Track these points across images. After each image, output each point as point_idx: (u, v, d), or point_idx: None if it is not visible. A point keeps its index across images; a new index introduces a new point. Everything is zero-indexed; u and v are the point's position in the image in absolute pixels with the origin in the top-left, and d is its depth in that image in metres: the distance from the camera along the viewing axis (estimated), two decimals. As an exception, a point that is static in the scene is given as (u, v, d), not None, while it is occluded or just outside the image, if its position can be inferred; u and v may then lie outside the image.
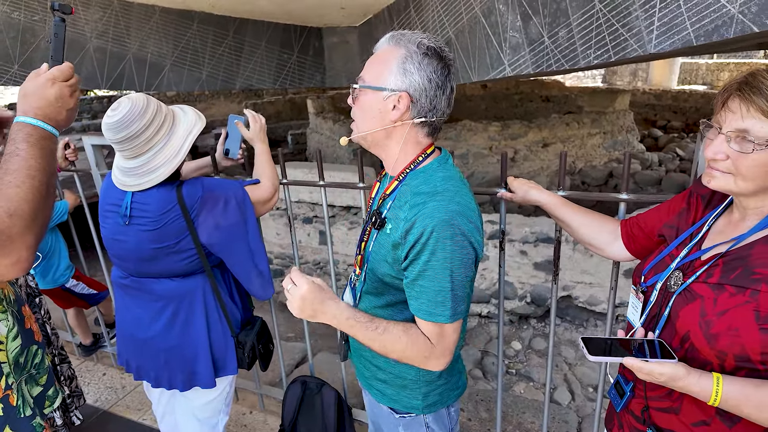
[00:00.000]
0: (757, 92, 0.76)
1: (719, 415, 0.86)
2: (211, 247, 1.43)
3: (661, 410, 0.95)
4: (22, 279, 1.94)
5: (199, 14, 4.52)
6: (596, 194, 1.42)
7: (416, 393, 1.15)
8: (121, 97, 1.38)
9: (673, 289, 0.91)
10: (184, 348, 1.51)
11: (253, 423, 2.30)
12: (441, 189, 0.97)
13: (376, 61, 1.01)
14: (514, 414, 2.55)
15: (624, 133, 8.35)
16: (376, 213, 1.07)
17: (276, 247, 5.08)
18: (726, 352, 0.81)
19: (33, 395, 1.18)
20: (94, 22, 4.05)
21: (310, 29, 5.21)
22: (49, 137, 0.98)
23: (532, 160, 7.27)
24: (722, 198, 0.97)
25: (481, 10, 3.09)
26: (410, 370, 1.12)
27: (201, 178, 1.44)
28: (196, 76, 4.72)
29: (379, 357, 1.14)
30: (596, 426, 1.65)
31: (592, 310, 4.02)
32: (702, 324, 0.83)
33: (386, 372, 1.16)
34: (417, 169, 1.03)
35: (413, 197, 0.98)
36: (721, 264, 0.86)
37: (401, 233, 0.97)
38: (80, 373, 2.77)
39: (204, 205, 1.38)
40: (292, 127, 11.42)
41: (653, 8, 1.99)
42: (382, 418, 1.27)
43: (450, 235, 0.92)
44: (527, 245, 4.05)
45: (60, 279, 2.79)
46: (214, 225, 1.41)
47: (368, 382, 1.23)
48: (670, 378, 0.82)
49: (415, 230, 0.93)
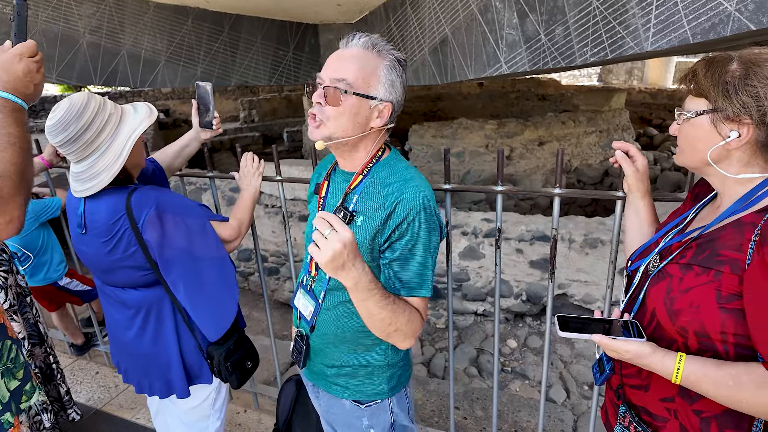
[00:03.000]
0: (693, 77, 0.88)
1: (681, 392, 0.91)
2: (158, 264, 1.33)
3: (633, 387, 1.01)
4: (12, 279, 1.92)
5: (194, 10, 4.48)
6: (593, 192, 1.41)
7: (382, 378, 1.20)
8: (121, 96, 1.36)
9: (651, 272, 0.96)
10: (158, 356, 1.45)
11: (247, 422, 2.28)
12: (409, 176, 1.06)
13: (359, 65, 1.01)
14: (510, 412, 2.54)
15: (620, 132, 8.37)
16: (342, 208, 1.08)
17: (271, 245, 5.06)
18: (686, 328, 0.85)
19: (10, 389, 1.20)
20: (88, 18, 4.01)
21: (306, 26, 5.19)
22: (20, 110, 1.03)
23: (528, 159, 7.28)
24: (710, 190, 1.01)
25: (478, 7, 3.08)
26: (378, 355, 1.18)
27: (159, 193, 1.32)
28: (191, 73, 4.68)
29: (346, 353, 1.17)
30: (592, 424, 1.65)
31: (587, 308, 4.03)
32: (666, 300, 0.88)
33: (352, 366, 1.19)
34: (379, 162, 1.10)
35: (385, 187, 1.06)
36: (694, 246, 0.90)
37: (380, 220, 1.03)
38: (73, 371, 2.74)
39: (150, 223, 1.28)
40: (287, 125, 11.39)
41: (650, 6, 1.99)
42: (342, 417, 1.26)
43: (428, 215, 1.03)
44: (523, 243, 4.05)
45: (53, 275, 2.77)
46: (156, 245, 1.30)
47: (328, 381, 1.22)
48: (636, 356, 0.88)
49: (397, 214, 1.01)
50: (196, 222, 1.36)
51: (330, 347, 1.18)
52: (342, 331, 1.15)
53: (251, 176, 1.63)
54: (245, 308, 4.77)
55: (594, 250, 3.85)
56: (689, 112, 0.88)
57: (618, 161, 1.15)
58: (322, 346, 1.19)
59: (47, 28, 3.88)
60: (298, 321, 1.24)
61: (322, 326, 1.17)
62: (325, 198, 1.18)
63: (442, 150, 1.91)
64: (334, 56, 1.05)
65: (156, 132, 9.54)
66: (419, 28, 3.90)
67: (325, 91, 1.01)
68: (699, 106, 0.86)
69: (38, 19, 3.83)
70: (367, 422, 1.24)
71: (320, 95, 1.02)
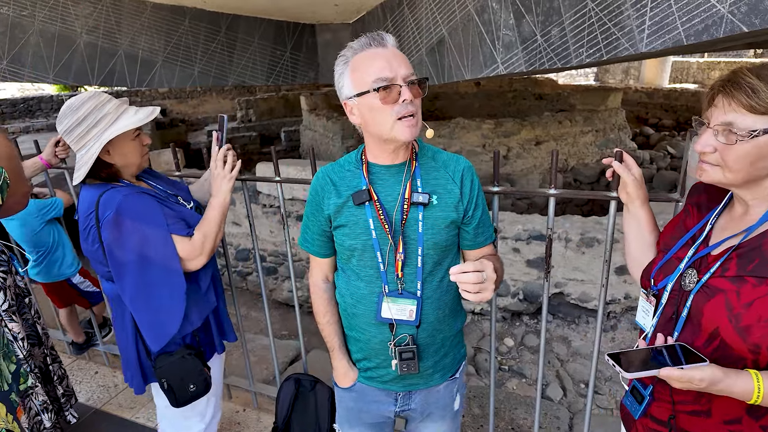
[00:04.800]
0: (738, 88, 0.82)
1: (750, 411, 0.87)
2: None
3: (691, 414, 0.94)
4: (11, 279, 1.93)
5: (191, 10, 4.48)
6: (587, 192, 1.43)
7: (462, 342, 1.34)
8: (119, 96, 1.39)
9: (689, 288, 0.91)
10: (125, 348, 1.50)
11: (246, 421, 2.30)
12: (443, 149, 1.23)
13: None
14: (507, 410, 2.57)
15: (616, 131, 8.40)
16: (412, 199, 1.12)
17: (269, 245, 5.07)
18: (759, 344, 0.80)
19: (11, 371, 1.24)
20: (85, 18, 4.01)
21: (304, 26, 5.19)
22: None
23: (525, 158, 7.30)
24: (717, 200, 0.99)
25: (475, 7, 3.09)
26: (461, 318, 1.29)
27: (126, 197, 1.33)
28: (188, 72, 4.68)
29: (450, 325, 1.25)
30: (587, 421, 1.67)
31: (584, 306, 4.05)
32: (731, 318, 0.83)
33: (451, 338, 1.27)
34: (417, 146, 1.19)
35: (439, 161, 1.18)
36: (735, 257, 0.87)
37: (457, 188, 1.15)
38: (72, 371, 2.75)
39: (107, 224, 1.31)
40: (285, 124, 11.38)
41: (644, 8, 2.01)
42: (437, 402, 1.31)
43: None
44: (520, 242, 4.07)
45: (66, 272, 2.80)
46: (108, 247, 1.33)
47: (431, 373, 1.25)
48: (711, 382, 0.81)
49: (467, 179, 1.17)
50: (155, 232, 1.34)
51: (437, 331, 1.21)
52: (445, 304, 1.21)
53: (221, 179, 1.47)
54: (243, 308, 4.77)
55: (590, 249, 3.87)
56: (746, 131, 0.81)
57: (616, 171, 1.12)
58: (429, 337, 1.21)
59: (44, 28, 3.88)
60: (392, 333, 1.18)
61: (427, 316, 1.19)
62: (379, 200, 1.14)
63: (439, 150, 1.93)
64: (396, 55, 1.06)
65: (153, 132, 9.53)
66: (416, 28, 3.91)
67: (411, 88, 1.03)
68: (761, 124, 0.81)
69: (35, 19, 3.82)
70: (456, 390, 1.35)
71: (409, 93, 1.03)
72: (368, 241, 1.14)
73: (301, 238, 1.29)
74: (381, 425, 1.35)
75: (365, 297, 1.19)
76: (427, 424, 1.36)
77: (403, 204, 1.12)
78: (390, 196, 1.14)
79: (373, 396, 1.29)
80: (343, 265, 1.25)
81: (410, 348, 1.18)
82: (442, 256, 1.17)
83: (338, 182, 1.18)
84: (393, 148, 1.12)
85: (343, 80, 1.11)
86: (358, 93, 1.06)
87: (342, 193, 1.16)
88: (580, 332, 4.07)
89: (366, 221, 1.14)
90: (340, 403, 1.38)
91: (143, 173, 1.57)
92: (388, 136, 1.07)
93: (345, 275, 1.24)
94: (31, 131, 10.74)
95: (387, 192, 1.15)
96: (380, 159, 1.15)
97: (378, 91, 1.02)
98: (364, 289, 1.18)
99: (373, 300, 1.18)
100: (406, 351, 1.17)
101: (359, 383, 1.30)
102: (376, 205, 1.13)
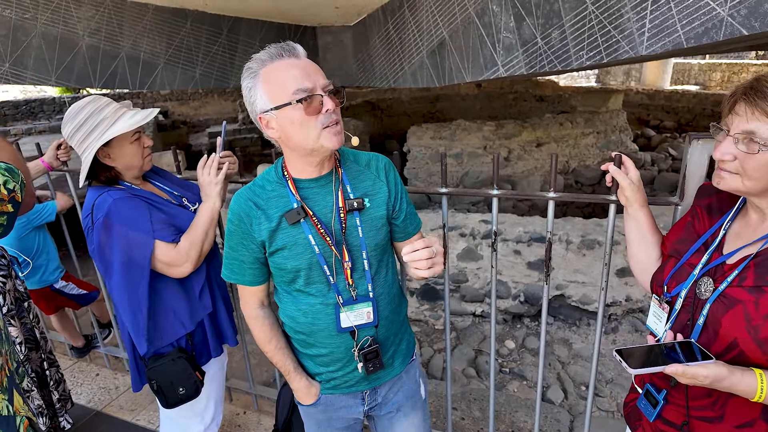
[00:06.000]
0: (762, 96, 0.80)
1: (763, 413, 0.87)
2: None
3: (704, 420, 0.94)
4: (11, 284, 1.93)
5: (192, 13, 4.50)
6: (586, 195, 1.43)
7: (408, 323, 1.36)
8: (120, 98, 1.41)
9: (705, 296, 0.91)
10: (127, 348, 1.55)
11: (246, 423, 2.30)
12: (358, 150, 1.23)
13: None
14: (507, 413, 2.56)
15: (617, 133, 8.39)
16: (347, 206, 1.12)
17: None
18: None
19: (14, 367, 1.25)
20: (87, 20, 4.02)
21: (305, 28, 5.20)
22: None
23: (525, 160, 7.30)
24: (728, 204, 0.98)
25: (475, 10, 3.10)
26: (404, 305, 1.33)
27: (116, 201, 1.34)
28: (190, 75, 4.70)
29: (400, 312, 1.29)
30: (587, 424, 1.67)
31: (584, 309, 4.05)
32: (750, 330, 0.83)
33: (401, 327, 1.30)
34: (338, 153, 1.20)
35: (362, 163, 1.19)
36: (753, 266, 0.86)
37: (384, 185, 1.18)
38: (73, 373, 2.76)
39: (98, 227, 1.34)
40: (286, 126, 11.39)
41: (644, 10, 2.01)
42: (405, 390, 1.34)
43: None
44: (521, 245, 4.07)
45: (49, 278, 2.78)
46: (98, 249, 1.36)
47: (391, 361, 1.28)
48: (715, 379, 0.82)
49: (390, 174, 1.20)
50: (140, 237, 1.35)
51: (392, 323, 1.25)
52: (393, 295, 1.24)
53: (208, 185, 1.43)
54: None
55: (591, 252, 3.87)
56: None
57: (613, 175, 1.12)
58: (387, 331, 1.24)
59: (46, 31, 3.90)
60: (353, 338, 1.18)
61: (383, 312, 1.21)
62: (315, 214, 1.12)
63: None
64: (311, 65, 1.04)
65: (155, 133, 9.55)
66: (417, 30, 3.92)
67: (331, 97, 1.03)
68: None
69: (37, 22, 3.84)
70: (418, 373, 1.38)
71: (331, 102, 1.02)
72: (313, 258, 1.11)
73: (227, 270, 1.21)
74: (352, 426, 1.36)
75: (321, 311, 1.16)
76: (400, 419, 1.35)
77: (339, 213, 1.11)
78: (324, 209, 1.12)
79: (340, 403, 1.28)
80: (286, 288, 1.19)
81: (373, 348, 1.19)
82: (383, 252, 1.21)
83: (264, 205, 1.12)
84: (319, 160, 1.09)
85: (255, 93, 1.04)
86: (277, 106, 1.01)
87: (272, 216, 1.10)
88: (581, 334, 4.07)
89: (306, 239, 1.10)
90: (309, 418, 1.34)
91: (151, 174, 1.58)
92: (314, 146, 1.03)
93: (291, 296, 1.19)
94: (33, 133, 10.77)
95: (320, 205, 1.12)
96: (306, 173, 1.11)
97: (300, 102, 0.99)
98: (317, 304, 1.16)
99: (329, 313, 1.15)
100: (370, 352, 1.19)
101: (324, 395, 1.27)
102: (314, 220, 1.10)
